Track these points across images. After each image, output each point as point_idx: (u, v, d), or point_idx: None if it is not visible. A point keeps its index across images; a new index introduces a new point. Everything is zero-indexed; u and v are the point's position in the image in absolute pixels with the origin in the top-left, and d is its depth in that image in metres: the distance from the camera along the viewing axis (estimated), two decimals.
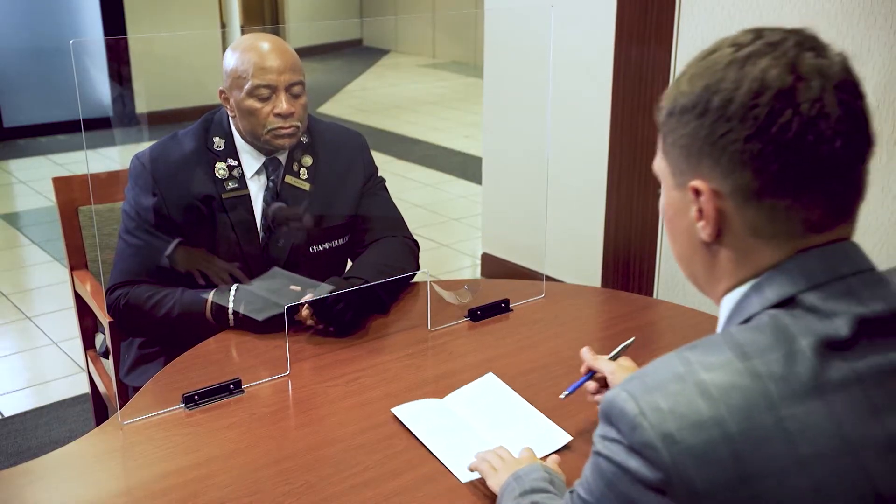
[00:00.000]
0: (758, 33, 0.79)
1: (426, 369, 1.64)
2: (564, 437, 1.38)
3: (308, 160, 1.93)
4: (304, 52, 9.95)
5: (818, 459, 0.72)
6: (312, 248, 1.93)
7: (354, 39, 11.14)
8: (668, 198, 0.87)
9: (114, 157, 5.77)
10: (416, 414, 1.45)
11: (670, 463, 0.72)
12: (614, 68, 3.10)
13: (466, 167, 5.69)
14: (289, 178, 1.91)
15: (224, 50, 1.92)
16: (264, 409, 1.50)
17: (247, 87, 1.80)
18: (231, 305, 1.75)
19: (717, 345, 0.77)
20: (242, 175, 1.88)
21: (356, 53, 10.77)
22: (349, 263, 2.01)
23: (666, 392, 0.74)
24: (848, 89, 0.77)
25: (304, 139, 1.92)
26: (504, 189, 3.76)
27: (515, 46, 3.52)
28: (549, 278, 2.02)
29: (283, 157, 1.91)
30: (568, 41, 3.26)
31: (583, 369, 1.44)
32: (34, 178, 5.53)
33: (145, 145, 1.92)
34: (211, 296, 1.77)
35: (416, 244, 2.05)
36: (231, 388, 1.54)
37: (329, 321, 1.72)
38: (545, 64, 3.25)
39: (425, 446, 1.37)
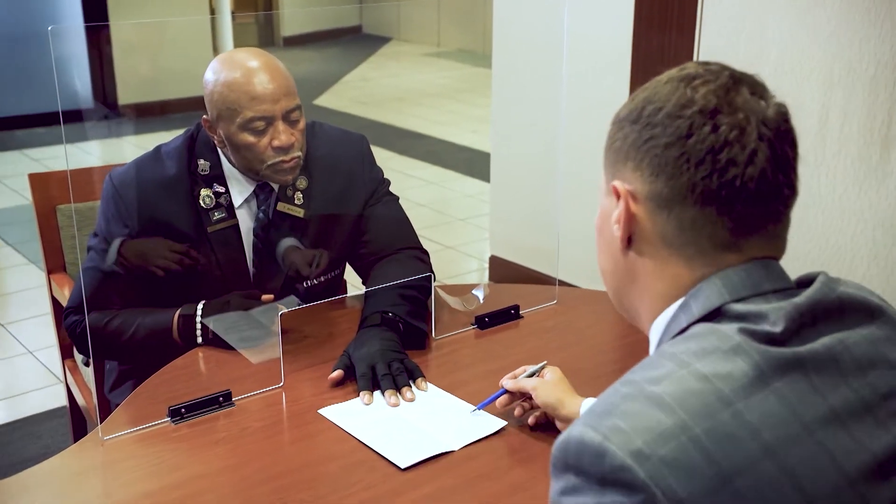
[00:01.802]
0: (705, 63, 0.90)
1: (431, 380, 1.64)
2: (498, 423, 1.48)
3: (303, 183, 1.87)
4: (298, 40, 10.00)
5: (783, 445, 0.77)
6: (307, 283, 1.88)
7: (353, 26, 11.16)
8: (599, 206, 0.95)
9: (94, 152, 5.79)
10: (344, 412, 1.52)
11: (648, 479, 0.74)
12: (633, 57, 3.10)
13: (473, 164, 5.70)
14: (281, 206, 1.85)
15: (214, 38, 1.90)
16: (256, 424, 1.50)
17: (238, 120, 1.72)
18: (199, 321, 1.72)
19: (655, 361, 0.83)
20: (230, 203, 1.83)
21: (355, 41, 10.78)
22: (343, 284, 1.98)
23: (622, 413, 0.77)
24: (776, 132, 0.85)
25: (301, 159, 1.83)
26: (514, 187, 3.76)
27: (527, 33, 3.52)
28: (562, 283, 2.02)
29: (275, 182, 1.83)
30: (583, 28, 3.26)
31: (501, 383, 1.51)
32: (9, 175, 5.54)
33: (127, 139, 1.91)
34: (177, 315, 1.74)
35: (426, 253, 1.99)
36: (220, 400, 1.55)
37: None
38: (559, 52, 3.25)
39: (357, 439, 1.44)
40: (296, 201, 1.86)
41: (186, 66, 6.26)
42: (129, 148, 1.76)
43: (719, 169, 0.83)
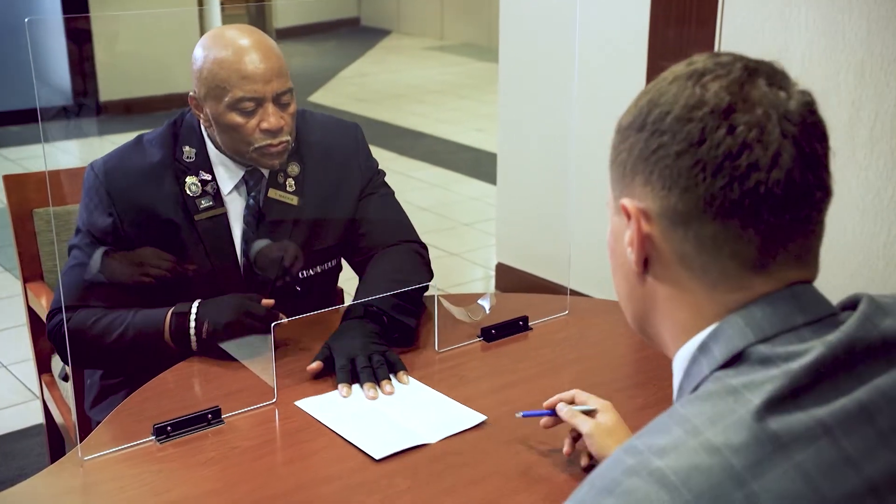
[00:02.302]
0: (714, 54, 0.86)
1: None
2: (478, 417, 1.54)
3: (295, 169, 1.90)
4: (292, 33, 10.03)
5: None
6: (303, 274, 1.90)
7: (351, 18, 11.18)
8: (610, 226, 0.91)
9: (74, 152, 5.80)
10: (321, 404, 1.58)
11: None
12: (649, 52, 3.11)
13: (479, 165, 5.70)
14: (273, 192, 1.87)
15: (202, 30, 1.90)
16: (247, 443, 1.50)
17: (227, 99, 1.74)
18: (193, 322, 1.71)
19: (665, 425, 0.78)
20: (218, 191, 1.84)
21: (353, 34, 10.81)
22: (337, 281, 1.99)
23: (623, 492, 0.74)
24: (801, 126, 0.81)
25: (291, 143, 1.87)
26: (522, 190, 3.76)
27: (536, 26, 3.52)
28: (573, 292, 2.02)
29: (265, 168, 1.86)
30: (596, 20, 3.26)
31: (546, 404, 1.47)
32: None
33: (110, 138, 1.91)
34: (170, 313, 1.73)
35: (425, 248, 2.02)
36: (209, 417, 1.54)
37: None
38: (570, 46, 3.26)
39: (334, 432, 1.50)
40: (287, 188, 1.88)
41: (173, 60, 6.29)
42: (111, 147, 1.78)
43: (740, 176, 0.79)
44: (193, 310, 1.73)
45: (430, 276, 1.97)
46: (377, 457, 1.43)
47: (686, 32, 3.00)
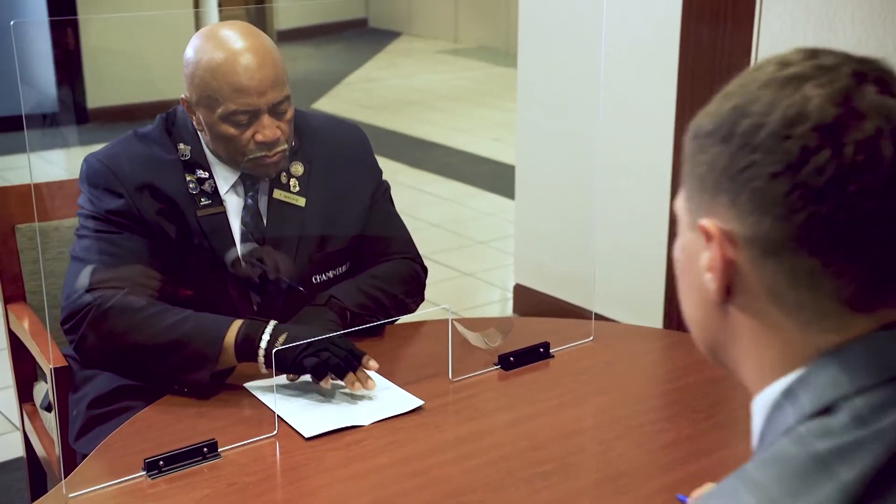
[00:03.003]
0: (813, 53, 0.80)
1: (446, 429, 1.64)
2: (415, 402, 1.69)
3: (299, 168, 1.94)
4: (295, 35, 10.08)
5: None
6: (315, 279, 1.94)
7: (358, 19, 11.24)
8: (681, 240, 0.87)
9: (58, 163, 5.84)
10: (267, 386, 1.72)
11: None
12: (680, 55, 3.11)
13: (496, 177, 5.71)
14: (278, 193, 1.91)
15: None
16: (245, 479, 1.50)
17: (219, 111, 1.77)
18: (267, 336, 1.70)
19: (734, 491, 0.74)
20: (216, 189, 1.88)
21: (360, 36, 10.86)
22: None
23: None
24: None
25: (293, 143, 1.91)
26: (543, 205, 3.76)
27: (558, 28, 3.54)
28: (598, 317, 2.02)
29: None
30: (623, 20, 3.27)
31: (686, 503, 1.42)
32: None
33: (97, 147, 1.93)
34: (238, 327, 1.72)
35: (425, 269, 2.07)
36: (204, 451, 1.55)
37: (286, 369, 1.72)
38: (595, 50, 3.27)
39: (273, 411, 1.63)
40: (292, 188, 1.92)
41: (166, 65, 6.32)
42: None
43: (847, 204, 0.73)
44: (270, 327, 1.72)
45: (420, 297, 2.02)
46: (307, 435, 1.58)
47: (720, 33, 3.00)
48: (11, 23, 1.46)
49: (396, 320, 1.96)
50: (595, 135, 3.35)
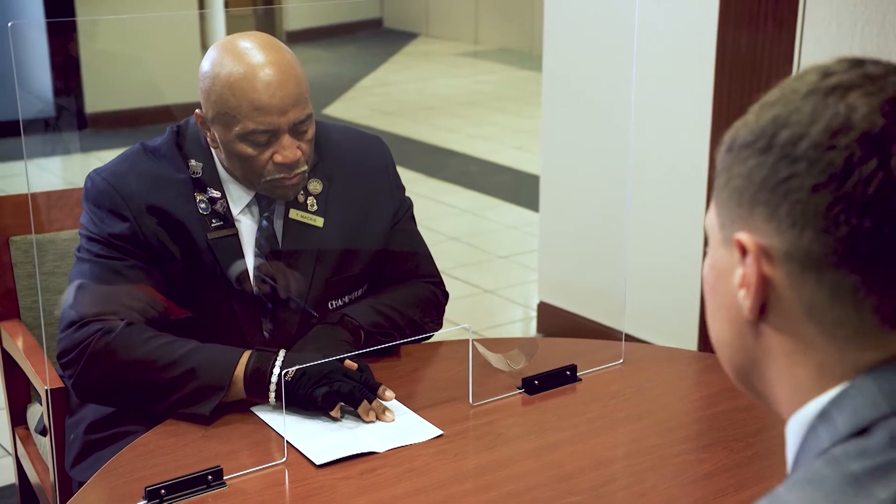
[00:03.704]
0: (857, 63, 0.81)
1: (466, 458, 1.64)
2: (434, 431, 1.69)
3: (318, 186, 1.93)
4: (305, 36, 10.13)
5: None
6: (331, 304, 1.94)
7: (372, 19, 11.28)
8: (711, 258, 0.88)
9: (55, 171, 5.87)
10: (273, 410, 1.72)
11: None
12: (717, 57, 3.11)
13: (518, 188, 5.72)
14: (294, 213, 1.90)
15: (203, 35, 1.93)
16: None
17: (237, 129, 1.77)
18: (276, 369, 1.70)
19: None
20: (228, 209, 1.88)
21: (374, 38, 10.90)
22: None
23: None
24: None
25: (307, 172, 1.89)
26: (568, 217, 3.76)
27: (586, 29, 3.54)
28: (629, 337, 2.02)
29: None
30: (657, 23, 3.27)
31: None
32: None
33: (96, 155, 1.94)
34: (247, 359, 1.72)
35: (445, 295, 2.07)
36: (209, 479, 1.55)
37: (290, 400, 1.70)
38: (626, 53, 3.27)
39: (281, 436, 1.63)
40: (309, 207, 1.91)
41: (170, 68, 6.37)
42: (97, 165, 1.78)
43: (893, 219, 0.75)
44: (279, 358, 1.72)
45: (438, 324, 2.03)
46: (318, 462, 1.58)
47: (761, 36, 3.00)
48: (9, 24, 1.48)
49: (412, 340, 1.95)
50: (625, 143, 3.34)
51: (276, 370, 1.71)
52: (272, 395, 1.71)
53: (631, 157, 3.32)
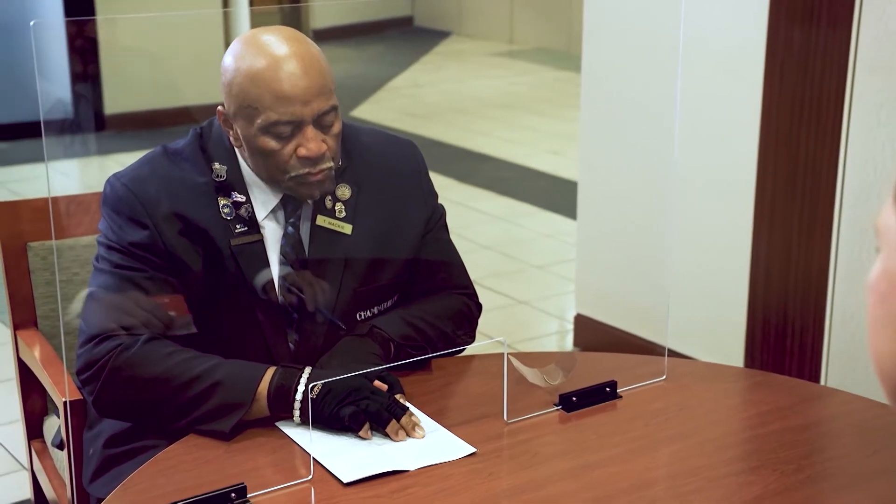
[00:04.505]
0: None
1: (500, 477, 1.64)
2: (467, 448, 1.69)
3: (346, 192, 1.93)
4: (333, 34, 10.17)
5: None
6: (359, 315, 1.94)
7: (403, 17, 11.31)
8: (885, 263, 0.84)
9: (73, 174, 5.92)
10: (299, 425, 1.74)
11: None
12: (767, 57, 3.10)
13: (555, 195, 5.71)
14: (322, 220, 1.90)
15: (227, 34, 1.94)
16: None
17: (259, 121, 1.78)
18: (301, 387, 1.71)
19: None
20: (252, 215, 1.88)
21: (405, 37, 10.93)
22: None
23: None
24: None
25: (339, 162, 1.91)
26: (607, 226, 3.75)
27: (627, 27, 3.54)
28: (672, 353, 2.01)
29: None
30: (703, 20, 3.26)
31: None
32: None
33: (115, 157, 1.95)
34: (271, 374, 1.74)
35: (479, 307, 2.07)
36: (232, 496, 1.55)
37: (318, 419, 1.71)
38: (669, 53, 3.26)
39: (307, 453, 1.64)
40: (337, 214, 1.92)
41: (193, 68, 6.42)
42: (116, 168, 1.80)
43: None
44: (305, 375, 1.74)
45: (471, 337, 2.02)
46: (346, 480, 1.59)
47: (814, 34, 2.98)
48: (31, 23, 1.49)
49: (444, 353, 1.95)
50: (669, 148, 3.33)
51: (301, 387, 1.71)
52: (297, 412, 1.72)
53: (676, 162, 3.31)
